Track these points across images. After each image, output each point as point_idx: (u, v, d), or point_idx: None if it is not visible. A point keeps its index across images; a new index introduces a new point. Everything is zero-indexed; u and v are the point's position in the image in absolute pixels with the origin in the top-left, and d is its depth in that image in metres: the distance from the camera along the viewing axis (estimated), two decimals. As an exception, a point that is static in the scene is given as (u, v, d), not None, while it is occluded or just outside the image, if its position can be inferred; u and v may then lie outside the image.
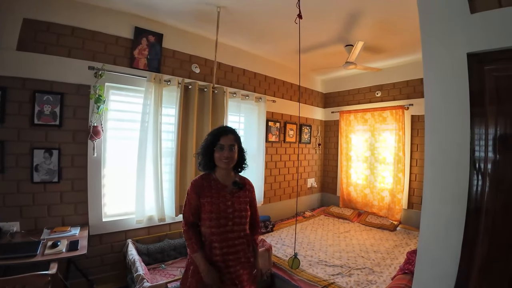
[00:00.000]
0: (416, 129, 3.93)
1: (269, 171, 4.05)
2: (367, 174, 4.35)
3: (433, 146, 1.74)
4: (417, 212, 3.87)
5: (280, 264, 2.72)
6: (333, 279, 2.45)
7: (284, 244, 3.21)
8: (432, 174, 1.73)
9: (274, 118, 4.12)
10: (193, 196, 1.48)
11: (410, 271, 2.26)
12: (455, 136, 1.62)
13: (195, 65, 3.16)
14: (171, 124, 2.92)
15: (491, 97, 1.54)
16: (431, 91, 1.75)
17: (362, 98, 4.61)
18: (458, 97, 1.60)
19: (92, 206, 2.48)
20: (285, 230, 3.67)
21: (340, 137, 4.72)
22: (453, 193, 1.61)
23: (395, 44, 3.41)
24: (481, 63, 1.55)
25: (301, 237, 3.44)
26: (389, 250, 3.11)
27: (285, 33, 3.13)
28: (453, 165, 1.62)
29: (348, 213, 4.33)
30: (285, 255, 2.90)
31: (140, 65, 2.72)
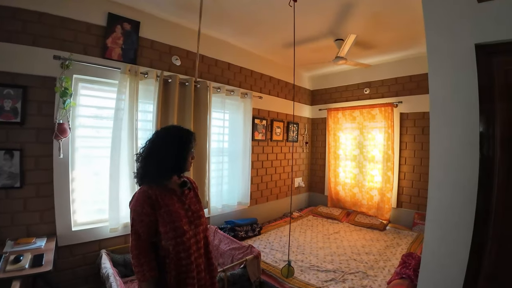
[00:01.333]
0: (405, 127, 3.87)
1: (256, 171, 3.87)
2: (356, 173, 4.26)
3: (439, 146, 1.62)
4: (407, 211, 3.83)
5: (270, 271, 2.55)
6: (326, 285, 2.31)
7: (273, 248, 3.04)
8: (438, 175, 1.61)
9: (261, 115, 3.94)
10: (148, 211, 1.27)
11: (407, 276, 2.15)
12: (463, 134, 1.50)
13: (175, 57, 2.91)
14: (148, 122, 2.66)
15: (501, 92, 1.43)
16: (436, 85, 1.63)
17: (350, 95, 4.52)
18: (466, 91, 1.48)
19: (60, 213, 2.19)
20: (273, 233, 3.50)
21: (328, 135, 4.61)
22: (461, 197, 1.49)
23: (385, 40, 3.32)
24: (491, 55, 1.44)
25: (291, 240, 3.28)
26: (381, 251, 3.01)
27: (274, 25, 2.95)
28: (461, 167, 1.50)
29: (337, 213, 4.23)
30: (274, 261, 2.74)
31: (114, 55, 2.45)
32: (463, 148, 1.49)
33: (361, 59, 3.82)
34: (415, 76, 3.81)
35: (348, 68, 4.33)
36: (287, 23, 2.88)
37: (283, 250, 2.98)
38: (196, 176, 2.97)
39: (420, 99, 3.72)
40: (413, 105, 3.79)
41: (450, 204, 1.53)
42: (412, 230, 3.65)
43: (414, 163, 3.77)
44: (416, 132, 3.78)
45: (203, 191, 3.04)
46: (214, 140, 3.34)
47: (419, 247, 3.05)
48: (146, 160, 1.35)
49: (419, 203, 3.72)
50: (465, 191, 1.48)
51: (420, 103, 3.72)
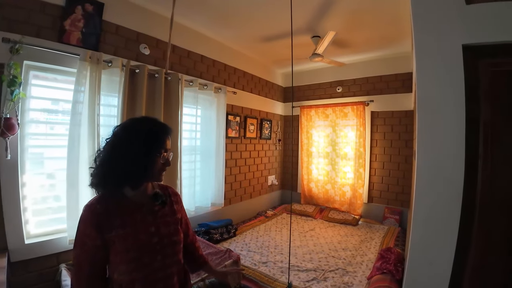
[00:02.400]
0: (376, 125, 3.99)
1: (229, 170, 3.73)
2: (328, 169, 4.31)
3: (426, 145, 1.62)
4: (377, 206, 3.96)
5: (250, 275, 2.44)
6: (309, 286, 2.26)
7: (251, 250, 2.94)
8: (425, 174, 1.61)
9: (234, 112, 3.80)
10: (92, 234, 0.93)
11: (388, 271, 2.18)
12: (449, 133, 1.52)
13: (144, 45, 2.65)
14: (112, 117, 2.37)
15: (486, 93, 1.47)
16: (423, 83, 1.62)
17: (323, 93, 4.56)
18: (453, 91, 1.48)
19: (9, 224, 1.85)
20: (248, 234, 3.40)
21: (301, 132, 4.61)
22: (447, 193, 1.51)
23: (360, 40, 3.37)
24: (478, 57, 1.47)
25: (267, 240, 3.21)
26: (356, 247, 3.06)
27: (251, 18, 2.82)
28: (447, 164, 1.52)
29: (310, 209, 4.25)
30: (253, 264, 2.63)
31: (72, 40, 2.13)
32: (450, 146, 1.50)
33: (335, 57, 3.85)
34: (385, 77, 3.94)
35: (321, 66, 4.35)
36: (265, 16, 2.79)
37: (261, 251, 2.89)
38: (167, 177, 2.75)
39: (389, 99, 3.86)
40: (383, 104, 3.91)
41: (437, 201, 1.54)
42: (382, 223, 3.78)
43: (384, 159, 3.91)
44: (385, 130, 3.91)
45: (175, 192, 2.83)
46: (186, 137, 3.13)
47: (392, 240, 3.16)
48: (103, 162, 1.00)
49: (388, 198, 3.87)
50: (451, 188, 1.49)
51: (390, 103, 3.86)
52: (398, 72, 3.84)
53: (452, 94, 1.49)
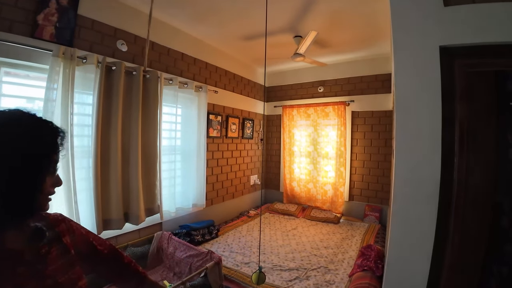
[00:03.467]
0: (356, 125, 4.06)
1: (211, 170, 3.67)
2: (310, 169, 4.35)
3: (403, 143, 1.65)
4: (358, 204, 4.03)
5: (232, 276, 2.41)
6: (291, 285, 2.26)
7: (233, 251, 2.90)
8: (403, 172, 1.64)
9: (216, 111, 3.74)
10: None
11: (369, 268, 2.21)
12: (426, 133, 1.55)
13: (121, 41, 2.55)
14: (87, 116, 2.27)
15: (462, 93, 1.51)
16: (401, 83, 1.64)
17: (305, 93, 4.58)
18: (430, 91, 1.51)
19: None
20: (231, 234, 3.36)
21: (283, 132, 4.62)
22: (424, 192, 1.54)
23: (341, 40, 3.40)
24: (453, 58, 1.51)
25: (250, 240, 3.19)
26: (338, 244, 3.09)
27: (233, 15, 2.78)
28: (424, 163, 1.55)
29: (293, 208, 4.27)
30: (235, 265, 2.60)
31: (46, 35, 2.01)
32: (427, 145, 1.53)
33: (317, 57, 3.87)
34: (366, 77, 4.02)
35: (303, 66, 4.37)
36: (247, 13, 2.75)
37: (243, 252, 2.86)
38: (146, 179, 2.67)
39: (370, 99, 3.94)
40: (364, 104, 3.99)
41: (414, 199, 1.57)
42: (363, 221, 3.85)
43: (364, 158, 3.98)
44: (366, 129, 3.98)
45: (154, 194, 2.76)
46: (166, 137, 3.05)
47: (372, 237, 3.22)
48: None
49: (369, 196, 3.95)
50: (428, 186, 1.52)
51: (370, 103, 3.93)
52: (378, 73, 3.92)
53: (429, 94, 1.52)
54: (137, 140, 2.55)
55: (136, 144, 2.55)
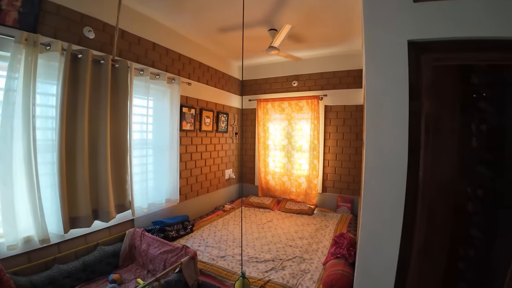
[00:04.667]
0: (329, 119, 4.16)
1: (184, 164, 3.59)
2: (285, 162, 4.40)
3: (373, 135, 1.71)
4: (331, 195, 4.15)
5: (208, 270, 2.39)
6: (267, 276, 2.28)
7: (208, 245, 2.87)
8: (372, 163, 1.70)
9: (189, 104, 3.66)
10: None
11: (342, 255, 2.29)
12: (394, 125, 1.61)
13: (88, 28, 2.39)
14: (50, 107, 2.11)
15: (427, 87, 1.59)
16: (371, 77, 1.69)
17: (279, 87, 4.61)
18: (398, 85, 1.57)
19: None
20: (206, 229, 3.33)
21: (258, 125, 4.63)
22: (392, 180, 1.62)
23: (315, 35, 3.45)
24: (421, 52, 1.58)
25: (226, 234, 3.17)
26: (312, 235, 3.17)
27: (207, 4, 2.70)
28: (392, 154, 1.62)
29: (268, 201, 4.31)
30: (211, 259, 2.58)
31: (8, 20, 1.83)
32: (395, 136, 1.60)
33: (292, 51, 3.90)
34: (338, 72, 4.12)
35: (278, 60, 4.40)
36: (222, 4, 2.69)
37: (219, 246, 2.84)
38: (116, 174, 2.56)
39: (342, 94, 4.05)
40: (336, 99, 4.09)
41: (383, 188, 1.64)
42: (336, 212, 3.98)
43: (337, 151, 4.10)
44: (338, 123, 4.10)
45: (125, 190, 2.65)
46: (137, 130, 2.93)
47: (345, 226, 3.34)
48: None
49: (341, 187, 4.08)
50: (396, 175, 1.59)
51: (342, 97, 4.04)
52: (350, 69, 4.03)
53: (397, 88, 1.59)
54: (105, 133, 2.43)
55: (105, 137, 2.43)
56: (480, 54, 1.49)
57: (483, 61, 1.53)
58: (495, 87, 1.57)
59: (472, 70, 1.57)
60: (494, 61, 1.50)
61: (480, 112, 1.56)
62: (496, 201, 1.57)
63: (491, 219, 1.58)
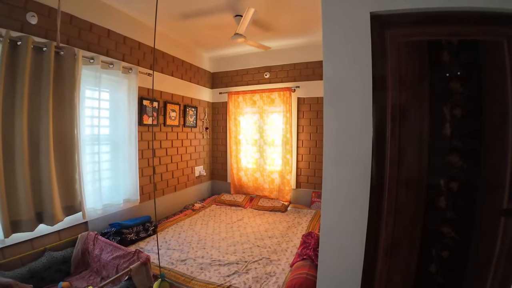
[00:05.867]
0: (302, 111, 4.01)
1: (146, 161, 3.32)
2: (257, 157, 4.22)
3: (333, 120, 1.53)
4: (305, 191, 4.01)
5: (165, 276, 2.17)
6: (229, 281, 2.08)
7: (170, 247, 2.65)
8: (332, 153, 1.53)
9: (151, 96, 3.38)
10: None
11: (308, 256, 2.12)
12: (357, 110, 1.44)
13: (32, 13, 2.10)
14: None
15: (393, 65, 1.42)
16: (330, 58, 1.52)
17: (250, 79, 4.40)
18: (360, 65, 1.41)
19: None
20: (170, 230, 3.09)
21: (229, 120, 4.40)
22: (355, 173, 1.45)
23: (284, 23, 3.26)
24: (385, 27, 1.41)
25: (191, 235, 2.95)
26: (283, 233, 3.01)
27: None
28: (355, 143, 1.44)
29: (240, 199, 4.11)
30: (170, 263, 2.36)
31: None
32: (357, 124, 1.43)
33: (261, 41, 3.69)
34: (311, 63, 3.96)
35: (249, 51, 4.20)
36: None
37: (181, 248, 2.62)
38: (62, 172, 2.29)
39: (315, 85, 3.90)
40: (309, 91, 3.94)
41: (345, 181, 1.47)
42: (310, 208, 3.84)
43: (310, 145, 3.96)
44: (311, 116, 3.95)
45: (74, 190, 2.38)
46: (87, 125, 2.64)
47: (317, 224, 3.20)
48: None
49: (315, 182, 3.94)
50: (359, 168, 1.43)
51: (315, 89, 3.89)
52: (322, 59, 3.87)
53: (359, 69, 1.42)
54: (47, 127, 2.15)
55: (47, 132, 2.15)
56: (452, 28, 1.32)
57: (455, 35, 1.37)
58: (470, 65, 1.42)
59: (443, 47, 1.42)
60: (468, 35, 1.35)
61: (453, 95, 1.42)
62: (471, 195, 1.44)
63: (466, 215, 1.44)
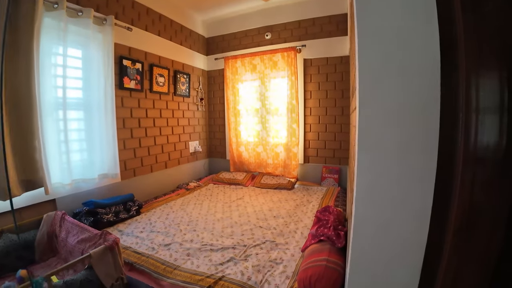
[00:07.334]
0: (309, 75, 3.46)
1: (130, 131, 2.83)
2: (259, 129, 3.70)
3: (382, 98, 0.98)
4: (314, 166, 3.51)
5: (141, 265, 1.71)
6: (221, 270, 1.61)
7: (154, 230, 2.19)
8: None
9: (133, 57, 2.87)
10: None
11: (327, 238, 1.62)
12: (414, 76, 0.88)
13: None
14: None
15: None
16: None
17: (250, 42, 3.84)
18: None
19: None
20: (158, 211, 2.63)
21: (226, 88, 3.87)
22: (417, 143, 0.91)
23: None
24: None
25: (180, 216, 2.49)
26: (290, 213, 2.52)
27: None
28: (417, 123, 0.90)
29: (241, 177, 3.63)
30: (151, 248, 1.90)
31: None
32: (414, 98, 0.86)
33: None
34: (319, 19, 3.39)
35: (248, 10, 3.63)
36: None
37: (167, 231, 2.16)
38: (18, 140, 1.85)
39: (323, 44, 3.34)
40: (317, 51, 3.38)
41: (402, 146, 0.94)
42: (321, 185, 3.35)
43: (319, 113, 3.43)
44: (320, 79, 3.40)
45: (33, 160, 1.93)
46: (52, 86, 2.15)
47: (331, 201, 2.71)
48: None
49: (326, 156, 3.44)
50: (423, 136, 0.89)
51: (324, 48, 3.34)
52: (332, 14, 3.31)
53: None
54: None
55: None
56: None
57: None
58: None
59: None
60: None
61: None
62: None
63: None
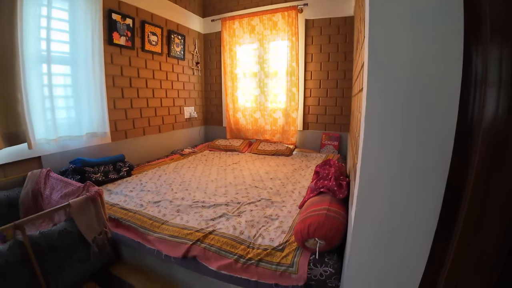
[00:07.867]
0: (311, 36, 3.26)
1: (120, 90, 2.68)
2: (257, 94, 3.54)
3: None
4: (314, 133, 3.39)
5: (128, 220, 1.62)
6: (212, 225, 1.52)
7: (144, 189, 2.10)
8: None
9: (123, 11, 2.66)
10: None
11: (328, 189, 1.52)
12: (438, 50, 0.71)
13: None
14: None
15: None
16: None
17: (248, 2, 3.59)
18: None
19: None
20: (150, 173, 2.53)
21: (223, 51, 3.67)
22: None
23: None
24: None
25: (173, 177, 2.39)
26: (288, 175, 2.43)
27: None
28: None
29: (237, 143, 3.52)
30: (139, 205, 1.81)
31: None
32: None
33: None
34: (322, -25, 3.15)
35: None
36: None
37: (158, 190, 2.06)
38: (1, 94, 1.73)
39: (326, 3, 3.12)
40: (320, 10, 3.16)
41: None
42: (320, 152, 3.25)
43: (320, 77, 3.26)
44: (322, 41, 3.21)
45: (16, 112, 1.82)
46: (35, 38, 1.99)
47: (329, 165, 2.61)
48: None
49: (326, 122, 3.31)
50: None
51: (327, 8, 3.12)
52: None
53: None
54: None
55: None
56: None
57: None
58: None
59: None
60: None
61: None
62: None
63: None
